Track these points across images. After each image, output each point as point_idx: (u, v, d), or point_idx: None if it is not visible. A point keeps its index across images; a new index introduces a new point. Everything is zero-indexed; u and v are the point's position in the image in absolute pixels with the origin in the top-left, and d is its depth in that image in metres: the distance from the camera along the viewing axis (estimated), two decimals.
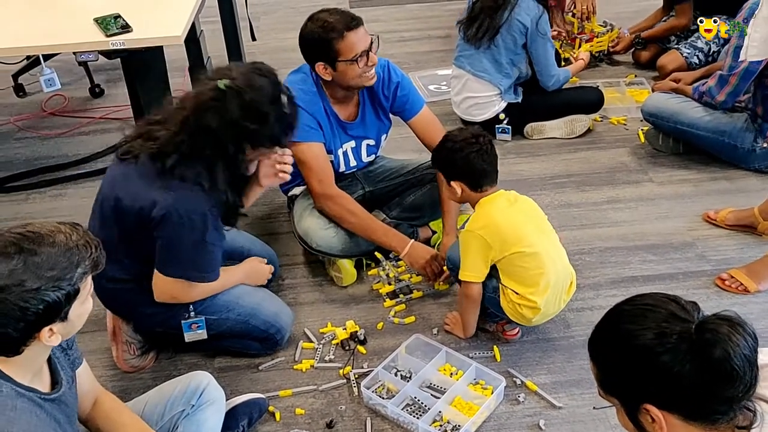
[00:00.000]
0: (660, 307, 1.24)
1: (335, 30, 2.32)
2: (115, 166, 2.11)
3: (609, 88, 3.72)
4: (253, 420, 2.09)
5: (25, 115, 3.81)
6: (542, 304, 2.18)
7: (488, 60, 3.24)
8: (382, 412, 2.13)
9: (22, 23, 2.43)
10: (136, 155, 2.01)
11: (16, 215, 3.07)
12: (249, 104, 1.91)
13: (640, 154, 3.29)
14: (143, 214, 1.97)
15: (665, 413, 1.21)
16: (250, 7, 3.75)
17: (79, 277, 1.40)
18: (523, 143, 3.40)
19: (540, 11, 3.13)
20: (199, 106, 1.92)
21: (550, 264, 2.18)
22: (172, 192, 1.94)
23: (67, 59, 4.01)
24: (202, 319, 2.18)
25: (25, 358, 1.43)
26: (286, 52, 4.27)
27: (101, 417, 1.77)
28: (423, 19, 4.66)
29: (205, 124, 1.91)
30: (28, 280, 1.33)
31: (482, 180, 2.20)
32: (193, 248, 2.01)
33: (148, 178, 1.96)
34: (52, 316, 1.38)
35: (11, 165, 3.40)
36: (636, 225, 2.86)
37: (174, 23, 2.34)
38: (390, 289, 2.56)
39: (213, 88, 1.91)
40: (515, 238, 2.15)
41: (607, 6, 4.50)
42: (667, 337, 1.19)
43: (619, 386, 1.28)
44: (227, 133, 1.92)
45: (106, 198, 2.07)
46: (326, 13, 2.37)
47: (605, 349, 1.30)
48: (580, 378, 2.22)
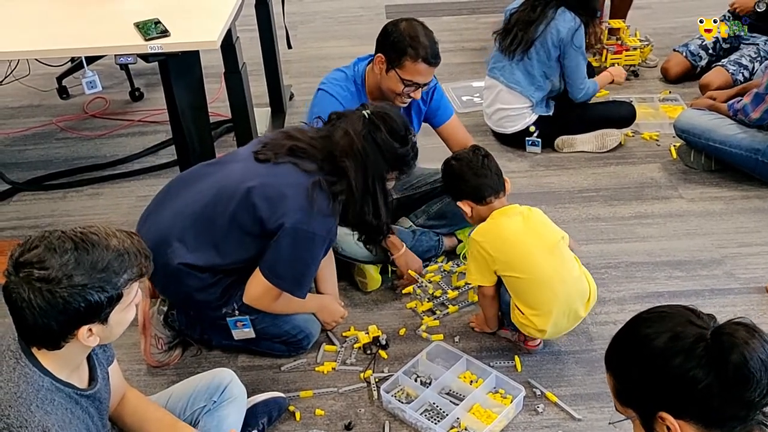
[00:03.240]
0: (676, 314, 1.25)
1: (417, 52, 2.40)
2: (247, 159, 2.15)
3: (642, 103, 3.70)
4: (272, 418, 2.12)
5: (67, 117, 3.92)
6: (548, 326, 2.18)
7: (521, 72, 3.25)
8: (401, 417, 2.14)
9: (66, 27, 2.51)
10: (276, 160, 2.09)
11: (53, 212, 3.16)
12: (392, 128, 2.09)
13: (671, 170, 3.27)
14: (270, 217, 2.04)
15: (681, 422, 1.21)
16: (287, 15, 3.82)
17: (124, 282, 1.45)
18: (553, 156, 3.40)
19: (577, 24, 3.14)
20: (353, 130, 2.06)
21: (558, 287, 2.16)
22: (309, 208, 2.02)
23: (110, 63, 4.10)
24: (247, 318, 2.23)
25: (65, 354, 1.48)
26: (323, 60, 4.35)
27: (128, 413, 1.82)
28: (458, 31, 4.69)
29: (360, 146, 2.05)
30: (76, 276, 1.38)
31: (482, 192, 2.22)
32: (302, 264, 2.10)
33: (289, 186, 2.05)
34: (92, 316, 1.43)
35: (51, 164, 3.51)
36: (663, 241, 2.84)
37: (211, 29, 2.40)
38: (428, 307, 2.55)
39: (360, 116, 2.07)
40: (517, 262, 2.16)
41: (647, 21, 4.49)
42: (682, 340, 1.20)
43: (635, 394, 1.28)
44: (379, 154, 2.06)
45: (229, 184, 2.10)
46: (424, 32, 2.44)
47: (622, 356, 1.30)
48: (600, 391, 2.21)
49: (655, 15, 4.72)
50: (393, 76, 2.44)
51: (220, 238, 2.11)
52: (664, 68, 3.96)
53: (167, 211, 2.18)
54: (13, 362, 1.46)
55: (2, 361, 1.47)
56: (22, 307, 1.38)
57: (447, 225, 2.77)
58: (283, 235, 2.04)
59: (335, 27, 4.78)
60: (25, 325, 1.41)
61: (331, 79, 2.58)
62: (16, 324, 1.44)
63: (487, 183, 2.23)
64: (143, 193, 3.25)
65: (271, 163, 2.09)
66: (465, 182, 2.24)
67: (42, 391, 1.45)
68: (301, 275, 2.14)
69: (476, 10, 4.96)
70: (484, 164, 2.25)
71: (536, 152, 3.40)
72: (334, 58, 4.43)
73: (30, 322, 1.39)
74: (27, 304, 1.37)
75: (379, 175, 2.10)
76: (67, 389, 1.50)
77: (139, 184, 3.33)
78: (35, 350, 1.47)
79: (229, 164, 2.19)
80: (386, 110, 2.14)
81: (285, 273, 2.11)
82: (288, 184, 2.05)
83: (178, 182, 2.27)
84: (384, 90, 2.50)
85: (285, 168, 2.08)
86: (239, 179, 2.09)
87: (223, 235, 2.11)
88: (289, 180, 2.06)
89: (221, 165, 2.22)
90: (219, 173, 2.16)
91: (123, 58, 2.40)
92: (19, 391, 1.43)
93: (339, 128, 2.09)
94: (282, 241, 2.05)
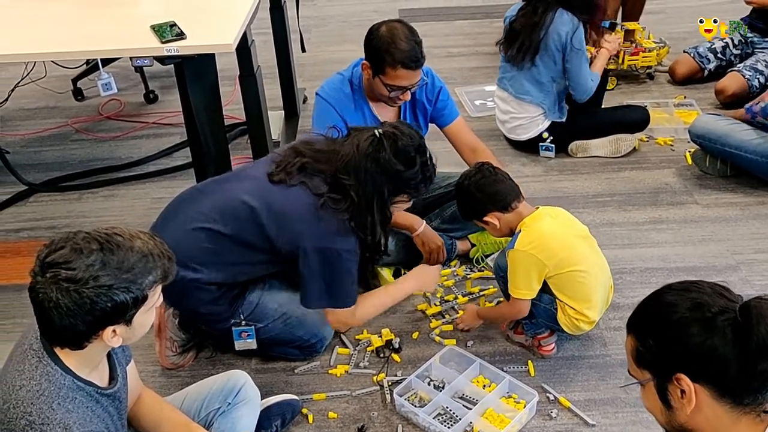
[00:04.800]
0: (706, 286, 1.26)
1: (394, 57, 2.37)
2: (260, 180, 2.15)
3: (657, 108, 3.69)
4: (286, 421, 2.13)
5: (83, 118, 3.95)
6: (597, 316, 2.24)
7: (529, 81, 3.23)
8: (414, 420, 2.14)
9: (83, 29, 2.53)
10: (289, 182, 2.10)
11: (69, 213, 3.18)
12: (398, 150, 2.06)
13: (686, 176, 3.25)
14: (280, 238, 2.07)
15: (696, 386, 1.21)
16: (301, 19, 3.83)
17: (149, 284, 1.46)
18: (567, 161, 3.40)
19: (576, 24, 3.11)
20: (358, 148, 2.06)
21: (602, 277, 2.24)
22: (323, 228, 2.05)
23: (125, 65, 4.16)
24: (252, 329, 2.24)
25: (87, 354, 1.49)
26: (336, 64, 4.31)
27: (144, 413, 1.83)
28: (471, 35, 4.68)
29: (362, 164, 2.05)
30: (102, 276, 1.39)
31: (505, 198, 2.22)
32: (339, 280, 2.12)
33: (298, 207, 2.07)
34: (118, 317, 1.44)
35: (67, 165, 3.53)
36: (678, 246, 2.82)
37: (226, 32, 2.41)
38: (437, 310, 2.55)
39: (371, 135, 2.07)
40: (569, 257, 2.18)
41: (661, 26, 4.47)
42: (709, 308, 1.21)
43: (655, 355, 1.27)
44: (380, 174, 2.06)
45: (238, 204, 2.11)
46: (403, 34, 2.38)
47: (645, 318, 1.30)
48: (614, 397, 2.21)
49: (669, 19, 4.70)
50: (378, 82, 2.45)
51: (227, 255, 2.12)
52: (671, 69, 3.97)
53: (174, 226, 2.17)
54: (36, 361, 1.47)
55: (25, 360, 1.48)
56: (49, 307, 1.39)
57: (460, 229, 2.76)
58: (310, 259, 2.07)
59: (349, 31, 4.79)
60: (50, 325, 1.42)
61: (327, 82, 2.60)
62: (41, 324, 1.45)
63: (505, 188, 2.23)
64: (158, 195, 3.27)
65: (284, 185, 2.09)
66: (484, 194, 2.23)
67: (64, 389, 1.46)
68: (342, 290, 2.15)
69: (490, 14, 4.95)
70: (496, 173, 2.26)
71: (550, 157, 3.39)
72: (347, 62, 4.38)
73: (56, 322, 1.40)
74: (54, 304, 1.38)
75: (378, 195, 2.08)
76: (89, 388, 1.51)
77: (153, 186, 3.35)
78: (57, 349, 1.48)
79: (239, 182, 2.19)
80: (399, 131, 2.10)
81: (332, 292, 2.14)
82: (298, 204, 2.07)
83: (187, 197, 2.25)
84: (375, 95, 2.51)
85: (296, 190, 2.08)
86: (250, 199, 2.10)
87: (231, 253, 2.12)
88: (300, 201, 2.07)
89: (231, 182, 2.22)
90: (228, 191, 2.17)
91: (139, 61, 2.42)
92: (41, 389, 1.44)
93: (347, 144, 2.10)
94: (312, 265, 2.08)
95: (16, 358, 1.51)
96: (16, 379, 1.46)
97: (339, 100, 2.51)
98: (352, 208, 2.06)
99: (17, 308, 2.66)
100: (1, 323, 2.61)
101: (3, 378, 1.50)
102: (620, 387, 2.07)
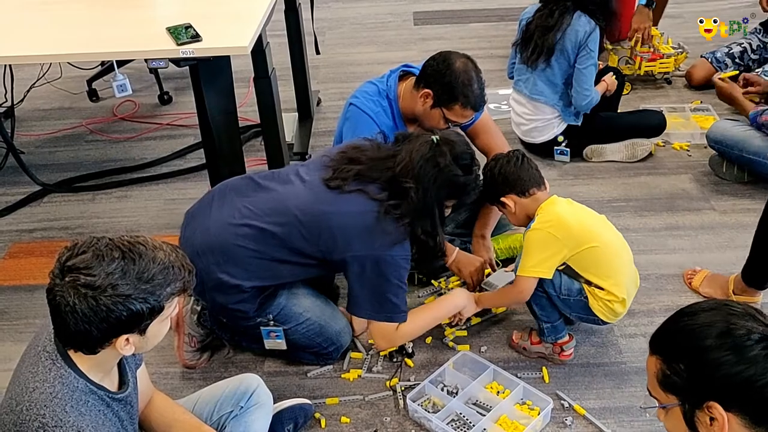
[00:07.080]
0: (738, 305, 1.23)
1: (468, 100, 2.40)
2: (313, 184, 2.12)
3: (673, 113, 3.66)
4: (298, 425, 2.12)
5: (97, 119, 3.96)
6: (627, 294, 2.20)
7: (543, 82, 3.22)
8: (427, 426, 2.13)
9: (99, 31, 2.53)
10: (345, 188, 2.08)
11: (82, 214, 3.19)
12: (458, 155, 2.08)
13: (703, 182, 3.22)
14: (336, 247, 2.06)
15: (729, 414, 1.17)
16: (315, 21, 3.83)
17: (166, 295, 1.45)
18: (582, 165, 3.37)
19: (593, 27, 3.10)
20: (416, 152, 2.06)
21: (623, 254, 2.23)
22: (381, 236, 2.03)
23: (139, 67, 4.18)
24: (281, 330, 2.22)
25: (99, 359, 1.49)
26: (350, 66, 4.36)
27: (155, 416, 1.83)
28: (486, 38, 4.66)
29: (422, 168, 2.04)
30: (121, 285, 1.39)
31: (526, 184, 2.21)
32: (393, 289, 2.10)
33: (359, 213, 2.05)
34: (133, 326, 1.44)
35: (81, 166, 3.54)
36: (695, 253, 2.79)
37: (242, 34, 2.41)
38: None
39: (428, 140, 2.07)
40: (586, 234, 2.17)
41: (678, 30, 4.43)
42: (747, 334, 1.17)
43: (686, 381, 1.23)
44: (439, 178, 2.05)
45: (289, 207, 2.09)
46: (476, 76, 2.42)
47: (676, 340, 1.25)
48: (630, 405, 2.18)
49: (687, 24, 4.65)
50: (437, 113, 2.43)
51: (268, 257, 2.10)
52: (688, 73, 3.94)
53: (216, 218, 2.15)
54: (49, 363, 1.47)
55: (38, 362, 1.48)
56: (66, 311, 1.38)
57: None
58: (365, 267, 2.06)
59: (363, 33, 4.79)
60: (65, 329, 1.42)
61: (363, 92, 2.55)
62: (56, 326, 1.45)
63: (528, 174, 2.23)
64: (171, 196, 3.27)
65: (340, 191, 2.07)
66: (505, 176, 2.22)
67: (77, 392, 1.46)
68: (391, 301, 2.12)
69: (504, 17, 4.93)
70: (524, 161, 2.25)
71: (565, 161, 3.37)
72: (361, 64, 4.44)
73: (71, 326, 1.40)
74: (70, 308, 1.38)
75: (438, 200, 2.08)
76: (100, 392, 1.51)
77: (167, 188, 3.35)
78: (71, 352, 1.48)
79: (288, 184, 2.16)
80: (453, 137, 2.13)
81: (382, 302, 2.12)
82: (357, 211, 2.05)
83: (231, 189, 2.21)
84: (420, 118, 2.49)
85: (354, 197, 2.06)
86: (303, 203, 2.08)
87: (273, 255, 2.10)
88: (359, 208, 2.05)
89: (279, 182, 2.18)
90: (277, 191, 2.14)
91: (155, 62, 2.42)
92: (54, 391, 1.44)
93: (404, 149, 2.09)
94: (364, 273, 2.07)
95: (30, 359, 1.51)
96: (30, 381, 1.46)
97: (378, 114, 2.48)
98: (412, 213, 2.04)
99: (29, 308, 2.66)
100: (14, 323, 2.62)
101: (16, 379, 1.50)
102: (641, 408, 2.01)
